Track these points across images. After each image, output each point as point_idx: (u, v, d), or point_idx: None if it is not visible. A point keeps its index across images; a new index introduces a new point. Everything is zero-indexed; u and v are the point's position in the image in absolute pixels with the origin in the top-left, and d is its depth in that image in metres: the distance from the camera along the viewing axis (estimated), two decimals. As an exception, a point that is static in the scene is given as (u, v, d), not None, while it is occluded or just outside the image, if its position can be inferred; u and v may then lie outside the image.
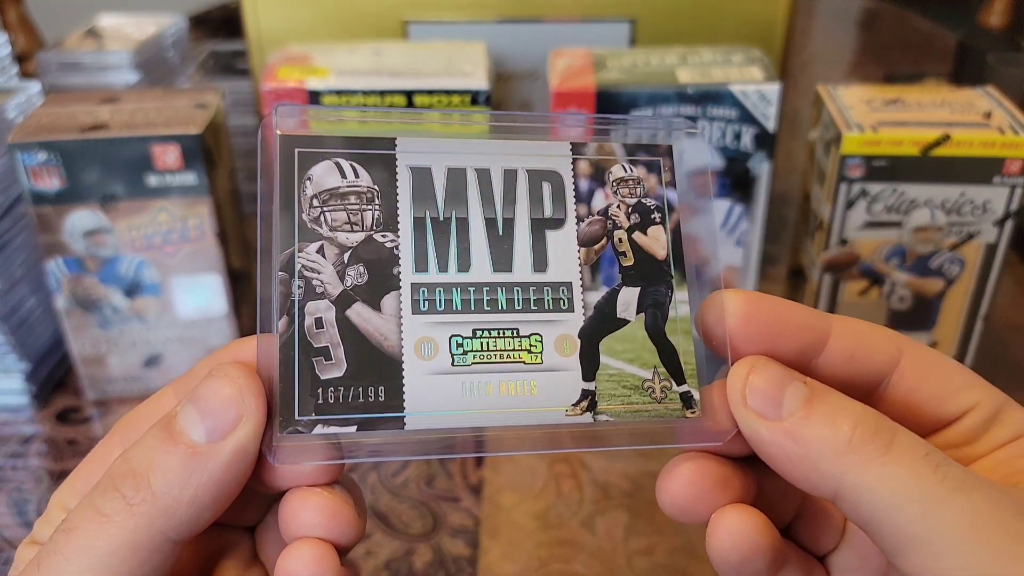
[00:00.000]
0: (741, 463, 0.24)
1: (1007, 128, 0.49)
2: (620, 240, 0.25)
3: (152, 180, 0.50)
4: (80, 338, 0.53)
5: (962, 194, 0.50)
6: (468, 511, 0.48)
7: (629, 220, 0.26)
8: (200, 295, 0.53)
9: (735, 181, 0.56)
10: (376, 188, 0.24)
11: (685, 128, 0.26)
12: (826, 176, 0.53)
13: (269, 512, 0.27)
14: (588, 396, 0.24)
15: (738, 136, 0.54)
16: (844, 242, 0.52)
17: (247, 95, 0.71)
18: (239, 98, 0.71)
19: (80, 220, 0.50)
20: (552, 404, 0.24)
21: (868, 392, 0.24)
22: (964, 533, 0.20)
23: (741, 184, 0.56)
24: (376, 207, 0.24)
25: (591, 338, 0.25)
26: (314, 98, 0.54)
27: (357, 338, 0.23)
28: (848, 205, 0.51)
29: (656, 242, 0.25)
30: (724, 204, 0.56)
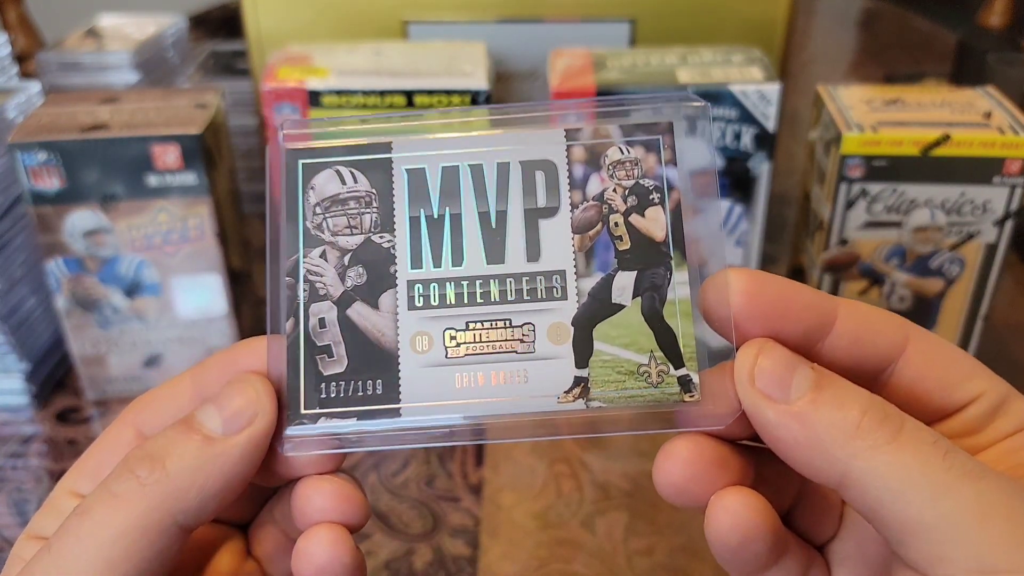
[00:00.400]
0: (739, 447, 0.24)
1: (1007, 128, 0.49)
2: (616, 224, 0.25)
3: (152, 180, 0.50)
4: (80, 338, 0.53)
5: (962, 194, 0.50)
6: (468, 511, 0.48)
7: (626, 203, 0.25)
8: (200, 295, 0.53)
9: (735, 181, 0.56)
10: (374, 191, 0.26)
11: (688, 102, 0.26)
12: (826, 176, 0.53)
13: (263, 509, 0.27)
14: (581, 383, 0.24)
15: (738, 136, 0.54)
16: (844, 242, 0.52)
17: (247, 95, 0.71)
18: (239, 98, 0.71)
19: (80, 220, 0.50)
20: (544, 392, 0.24)
21: (873, 377, 0.24)
22: (972, 521, 0.20)
23: (741, 184, 0.56)
24: (374, 210, 0.25)
25: (584, 325, 0.24)
26: (314, 98, 0.54)
27: (357, 335, 0.25)
28: (848, 205, 0.51)
29: (654, 223, 0.25)
30: (724, 204, 0.56)
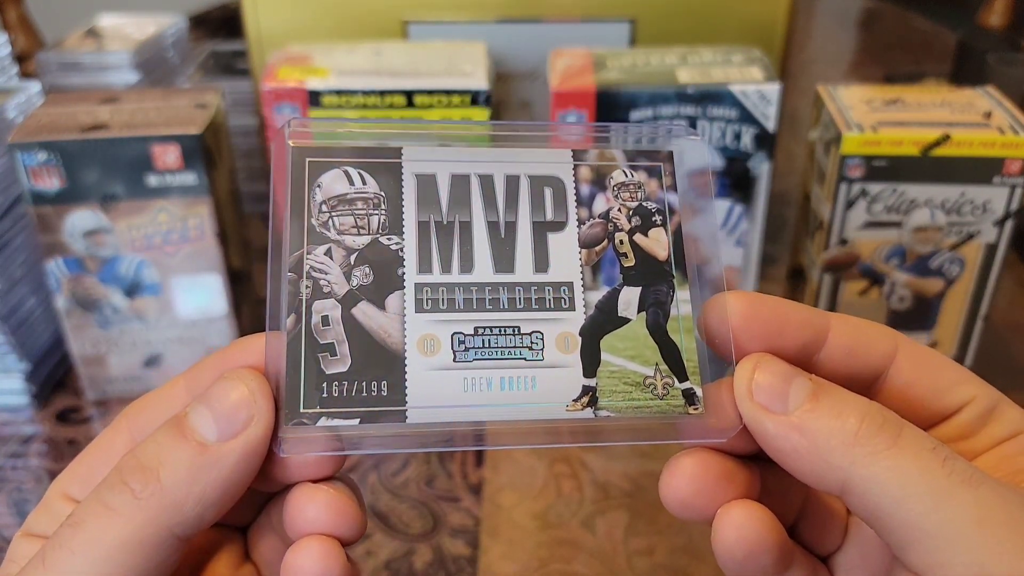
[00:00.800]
0: (744, 461, 0.24)
1: (1007, 128, 0.49)
2: (621, 242, 0.26)
3: (152, 180, 0.50)
4: (80, 338, 0.53)
5: (962, 194, 0.50)
6: (468, 511, 0.48)
7: (630, 223, 0.26)
8: (200, 295, 0.53)
9: (735, 181, 0.56)
10: (382, 194, 0.25)
11: (686, 135, 0.27)
12: (826, 176, 0.53)
13: (262, 512, 0.27)
14: (589, 392, 0.24)
15: (738, 136, 0.54)
16: (844, 242, 0.52)
17: (247, 95, 0.71)
18: (239, 98, 0.71)
19: (80, 220, 0.50)
20: (552, 399, 0.24)
21: (867, 386, 0.25)
22: (972, 527, 0.20)
23: (741, 184, 0.56)
24: (382, 212, 0.25)
25: (592, 336, 0.25)
26: (314, 98, 0.54)
27: (362, 335, 0.24)
28: (848, 205, 0.51)
29: (657, 243, 0.26)
30: (724, 204, 0.56)
